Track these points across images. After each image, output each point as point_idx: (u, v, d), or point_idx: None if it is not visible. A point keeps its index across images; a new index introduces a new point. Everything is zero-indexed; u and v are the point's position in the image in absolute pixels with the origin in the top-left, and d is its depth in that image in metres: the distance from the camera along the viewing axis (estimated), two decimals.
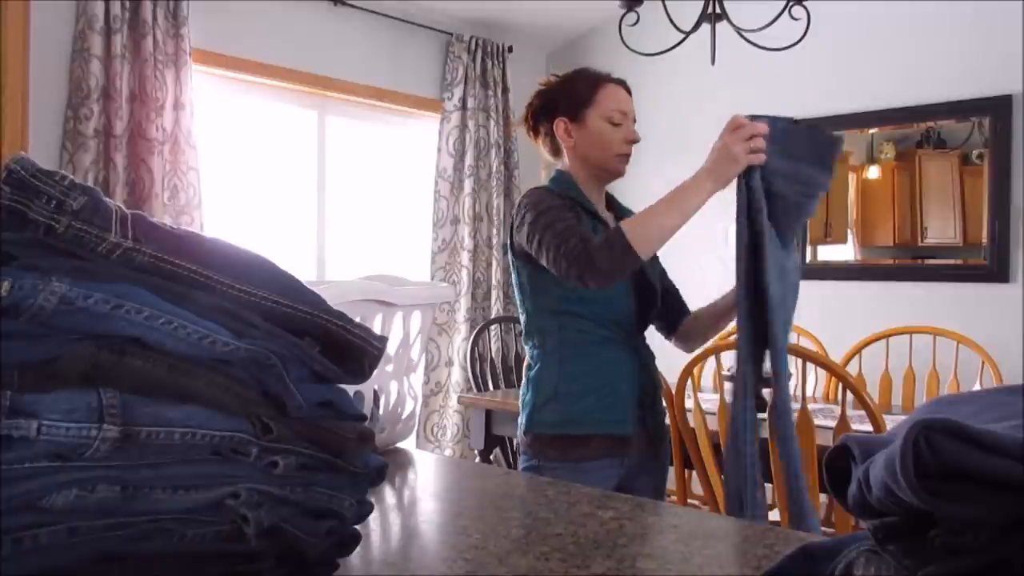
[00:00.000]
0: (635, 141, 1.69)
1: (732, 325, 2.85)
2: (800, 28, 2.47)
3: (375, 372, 0.67)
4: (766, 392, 1.48)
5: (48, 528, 0.47)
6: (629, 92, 1.73)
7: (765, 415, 1.93)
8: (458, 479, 1.17)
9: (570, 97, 1.69)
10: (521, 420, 1.68)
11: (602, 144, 1.67)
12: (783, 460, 1.39)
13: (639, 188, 2.44)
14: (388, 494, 1.02)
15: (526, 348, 1.72)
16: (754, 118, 1.40)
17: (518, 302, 1.72)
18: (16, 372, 0.48)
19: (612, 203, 1.80)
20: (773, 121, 1.39)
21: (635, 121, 1.72)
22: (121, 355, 0.50)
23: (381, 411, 1.22)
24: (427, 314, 1.30)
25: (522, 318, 1.72)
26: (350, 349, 0.61)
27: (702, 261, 3.95)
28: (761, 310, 1.37)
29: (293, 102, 3.61)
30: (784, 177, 1.38)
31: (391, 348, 1.22)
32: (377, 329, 1.17)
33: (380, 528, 0.88)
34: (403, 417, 1.28)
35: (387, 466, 0.65)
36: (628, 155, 1.70)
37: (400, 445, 1.30)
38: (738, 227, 1.37)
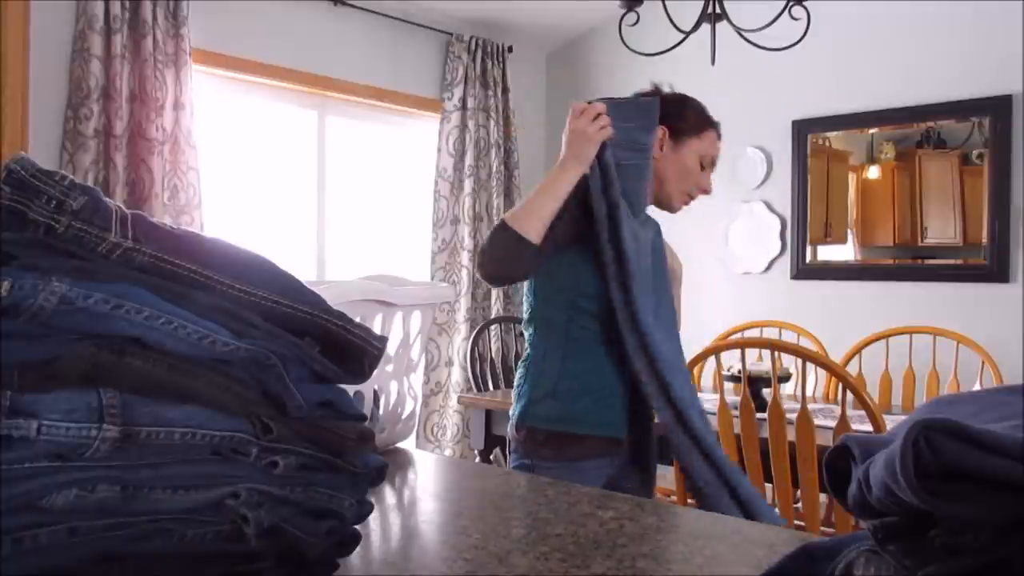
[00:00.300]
0: (707, 192, 1.73)
1: (735, 324, 2.83)
2: (800, 28, 2.47)
3: (375, 372, 0.67)
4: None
5: (48, 528, 0.47)
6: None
7: (765, 415, 1.94)
8: (458, 479, 1.17)
9: (683, 118, 1.69)
10: (514, 412, 1.65)
11: (683, 177, 1.69)
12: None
13: None
14: (388, 494, 1.02)
15: (525, 335, 1.69)
16: (589, 103, 1.55)
17: (527, 287, 1.70)
18: (16, 372, 0.48)
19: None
20: (604, 101, 1.55)
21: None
22: (121, 355, 0.50)
23: (381, 411, 1.22)
24: (427, 314, 1.30)
25: (527, 302, 1.68)
26: (350, 349, 0.61)
27: (703, 260, 3.95)
28: (624, 273, 1.52)
29: (293, 102, 3.61)
30: (623, 148, 1.54)
31: (391, 348, 1.22)
32: (377, 329, 1.17)
33: (380, 528, 0.88)
34: (403, 417, 1.28)
35: (387, 466, 0.65)
36: (691, 200, 1.73)
37: (400, 445, 1.30)
38: (595, 203, 1.52)
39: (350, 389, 0.64)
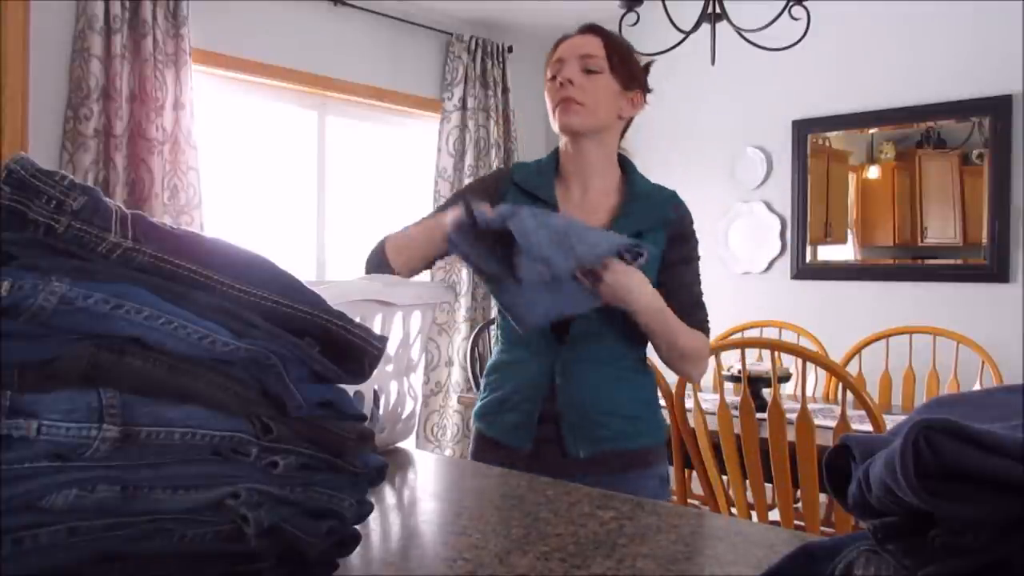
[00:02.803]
0: (564, 81, 1.43)
1: (735, 324, 2.83)
2: (800, 28, 2.47)
3: (375, 372, 0.67)
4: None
5: (48, 528, 0.47)
6: (598, 34, 1.49)
7: (765, 415, 1.94)
8: (458, 479, 1.17)
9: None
10: None
11: (547, 103, 1.50)
12: None
13: None
14: (388, 494, 1.02)
15: None
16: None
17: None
18: (16, 372, 0.48)
19: (631, 180, 1.56)
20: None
21: (586, 70, 1.46)
22: (121, 355, 0.50)
23: (381, 411, 1.22)
24: (427, 314, 1.30)
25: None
26: (350, 349, 0.61)
27: (703, 260, 3.94)
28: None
29: (293, 102, 3.61)
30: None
31: (391, 348, 1.22)
32: (377, 329, 1.17)
33: (380, 528, 0.88)
34: (403, 417, 1.28)
35: (387, 466, 0.65)
36: (567, 103, 1.44)
37: (400, 445, 1.30)
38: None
39: (350, 389, 0.64)
